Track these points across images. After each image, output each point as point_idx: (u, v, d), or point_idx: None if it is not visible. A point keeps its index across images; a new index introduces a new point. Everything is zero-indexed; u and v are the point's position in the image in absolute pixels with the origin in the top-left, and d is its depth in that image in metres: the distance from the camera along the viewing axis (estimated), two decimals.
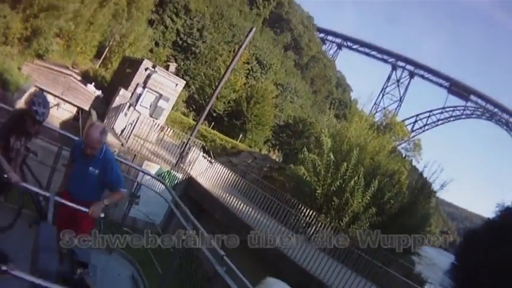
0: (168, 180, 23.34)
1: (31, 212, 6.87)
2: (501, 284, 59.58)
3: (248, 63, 59.32)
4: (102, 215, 5.84)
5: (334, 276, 16.37)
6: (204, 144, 33.98)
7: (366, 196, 25.22)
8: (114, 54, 42.40)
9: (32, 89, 28.82)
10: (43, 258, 3.40)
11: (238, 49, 28.35)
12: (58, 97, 32.45)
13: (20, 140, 6.17)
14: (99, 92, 34.56)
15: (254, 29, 29.87)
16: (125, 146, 23.14)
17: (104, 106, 32.36)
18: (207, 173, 25.73)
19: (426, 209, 35.56)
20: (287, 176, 32.48)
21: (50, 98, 31.11)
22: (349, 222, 25.45)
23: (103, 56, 42.50)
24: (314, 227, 22.58)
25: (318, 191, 26.24)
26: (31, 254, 3.70)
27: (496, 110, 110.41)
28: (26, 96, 25.93)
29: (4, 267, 3.06)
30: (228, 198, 22.28)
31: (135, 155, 22.76)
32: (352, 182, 25.41)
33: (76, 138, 7.22)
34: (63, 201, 5.54)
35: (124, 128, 26.26)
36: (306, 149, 29.62)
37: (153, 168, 23.01)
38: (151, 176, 9.88)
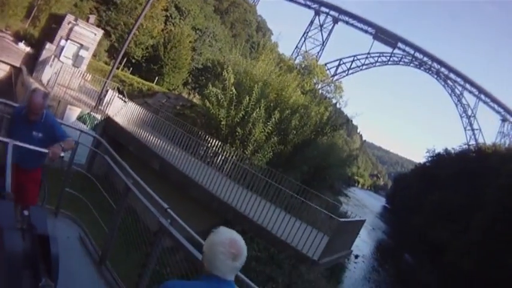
0: (89, 121, 25.81)
1: None
2: (431, 226, 63.95)
3: (167, 10, 60.63)
4: (62, 154, 6.26)
5: (246, 203, 17.79)
6: (119, 86, 36.13)
7: (268, 126, 27.48)
8: (41, 12, 42.59)
9: None
10: (8, 240, 3.55)
11: None
12: None
13: None
14: (28, 49, 35.99)
15: None
16: (51, 94, 25.05)
17: (34, 61, 34.12)
18: (122, 111, 27.50)
19: (331, 141, 39.75)
20: (198, 113, 34.12)
21: None
22: (253, 151, 27.63)
23: (31, 16, 42.72)
24: (221, 156, 24.03)
25: (222, 123, 28.19)
26: None
27: (425, 58, 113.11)
28: None
29: None
30: (141, 132, 24.44)
31: (59, 101, 24.99)
32: (254, 114, 27.45)
33: (14, 104, 7.25)
34: (21, 143, 5.83)
35: (50, 78, 28.64)
36: (210, 85, 31.15)
37: (75, 111, 25.53)
38: (70, 126, 9.34)
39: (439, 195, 71.17)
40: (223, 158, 23.90)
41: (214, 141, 25.58)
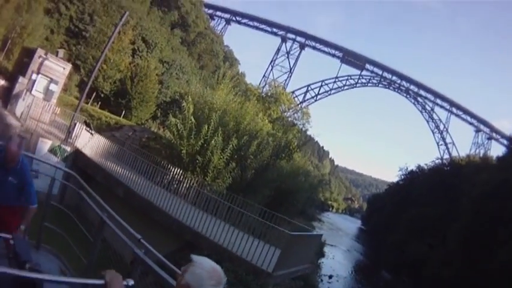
0: (59, 153, 27.25)
1: None
2: (408, 242, 64.82)
3: (134, 43, 61.24)
4: (23, 228, 6.61)
5: (203, 224, 19.02)
6: (86, 119, 37.59)
7: (226, 153, 28.61)
8: (15, 45, 43.57)
9: None
10: None
11: (113, 32, 32.69)
12: None
13: None
14: (3, 82, 37.50)
15: (127, 13, 34.03)
16: (24, 127, 27.15)
17: (8, 94, 35.86)
18: (89, 144, 28.90)
19: (296, 165, 40.94)
20: (163, 144, 34.95)
21: None
22: (213, 177, 28.82)
23: (6, 49, 43.58)
24: (182, 183, 25.33)
25: (183, 152, 29.31)
26: None
27: (394, 77, 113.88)
28: None
29: None
30: (107, 163, 25.91)
31: (32, 134, 26.48)
32: (213, 142, 28.51)
33: None
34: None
35: (23, 111, 30.61)
36: (171, 116, 32.35)
37: (46, 143, 26.96)
38: (46, 162, 10.89)
39: (414, 211, 71.62)
40: (184, 185, 25.22)
41: (175, 169, 26.81)
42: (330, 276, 39.20)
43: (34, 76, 37.51)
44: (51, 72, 38.48)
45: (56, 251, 8.35)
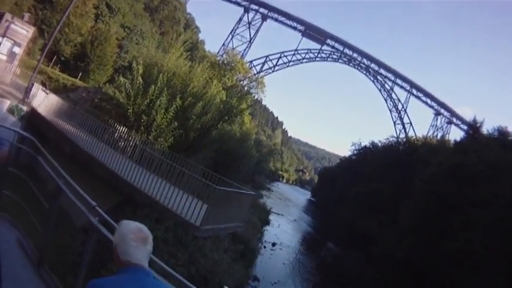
0: (16, 112, 28.69)
1: None
2: (359, 217, 67.25)
3: (97, 7, 62.55)
4: None
5: (142, 179, 19.41)
6: (43, 80, 39.37)
7: (170, 112, 29.95)
8: None
9: None
10: None
11: None
12: None
13: None
14: None
15: None
16: None
17: None
18: (44, 103, 29.94)
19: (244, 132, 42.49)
20: (113, 104, 35.12)
21: None
22: (156, 136, 30.15)
23: None
24: (127, 141, 26.02)
25: (129, 111, 30.40)
26: None
27: (355, 54, 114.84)
28: None
29: None
30: (58, 121, 27.11)
31: None
32: (158, 101, 29.83)
33: None
34: None
35: None
36: (121, 76, 34.09)
37: (5, 103, 28.33)
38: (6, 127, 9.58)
39: (365, 186, 73.61)
40: (129, 143, 26.08)
41: (121, 128, 27.93)
42: (274, 244, 39.78)
43: (0, 39, 38.98)
44: (16, 35, 40.05)
45: (12, 219, 8.40)
